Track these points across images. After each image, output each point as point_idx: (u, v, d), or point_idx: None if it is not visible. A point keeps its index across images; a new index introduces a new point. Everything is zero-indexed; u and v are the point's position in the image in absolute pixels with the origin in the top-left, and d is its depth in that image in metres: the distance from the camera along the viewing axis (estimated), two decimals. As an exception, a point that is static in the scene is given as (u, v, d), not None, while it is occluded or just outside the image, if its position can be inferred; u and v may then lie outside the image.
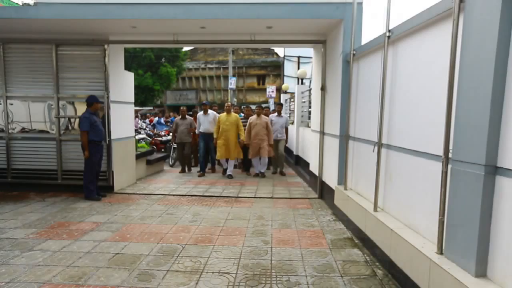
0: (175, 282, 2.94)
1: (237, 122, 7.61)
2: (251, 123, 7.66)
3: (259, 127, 7.56)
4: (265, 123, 7.61)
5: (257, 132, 7.55)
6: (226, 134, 7.49)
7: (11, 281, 2.90)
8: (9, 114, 6.14)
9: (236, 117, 7.68)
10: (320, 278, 3.04)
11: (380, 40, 3.62)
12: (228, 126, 7.52)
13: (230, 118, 7.58)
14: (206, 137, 7.94)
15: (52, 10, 4.93)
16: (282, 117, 8.29)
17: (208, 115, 8.01)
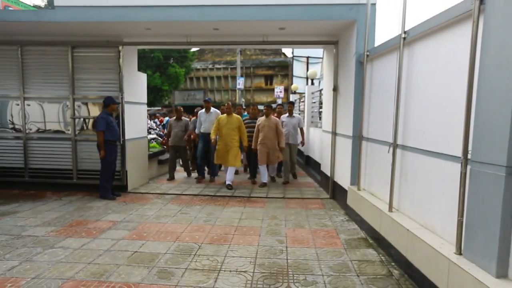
0: (194, 280, 2.99)
1: (239, 125, 6.55)
2: (259, 125, 6.67)
3: (267, 130, 6.56)
4: (275, 125, 6.59)
5: (265, 135, 6.56)
6: (226, 140, 6.49)
7: (36, 276, 2.99)
8: (26, 114, 6.28)
9: (237, 119, 6.60)
10: (336, 278, 3.07)
11: (395, 41, 3.63)
12: (228, 130, 6.47)
13: (231, 120, 6.52)
14: (207, 138, 6.96)
15: (70, 13, 5.04)
16: (294, 117, 7.39)
17: (211, 114, 7.04)
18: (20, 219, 4.58)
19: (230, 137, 6.49)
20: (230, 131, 6.49)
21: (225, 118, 6.57)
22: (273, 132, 6.58)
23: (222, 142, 6.55)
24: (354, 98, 4.87)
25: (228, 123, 6.51)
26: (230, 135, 6.49)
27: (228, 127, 6.50)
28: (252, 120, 7.14)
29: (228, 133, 6.49)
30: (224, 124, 6.52)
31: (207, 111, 7.07)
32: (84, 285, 2.86)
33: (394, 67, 3.62)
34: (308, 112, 8.97)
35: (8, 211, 4.96)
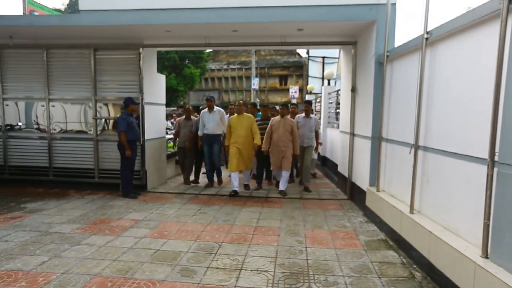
0: (216, 278, 3.05)
1: (251, 125, 6.06)
2: (273, 125, 6.10)
3: (282, 131, 6.00)
4: (290, 126, 6.03)
5: (279, 137, 6.01)
6: (240, 141, 5.99)
7: (65, 272, 3.11)
8: (50, 115, 6.49)
9: (249, 118, 6.11)
10: (357, 279, 3.07)
11: (417, 41, 3.60)
12: (241, 131, 6.00)
13: (242, 121, 6.04)
14: (211, 139, 6.45)
15: (93, 17, 5.18)
16: (310, 118, 6.67)
17: (214, 113, 6.45)
18: (46, 217, 4.75)
19: (243, 138, 6.02)
20: (243, 132, 6.01)
21: (236, 119, 6.10)
22: (288, 134, 6.03)
23: (234, 145, 6.02)
24: (373, 99, 4.84)
25: (240, 124, 6.03)
26: (243, 136, 6.01)
27: (240, 128, 6.02)
28: (264, 121, 6.61)
29: (240, 134, 6.00)
30: (236, 125, 6.04)
31: (210, 110, 6.49)
32: (111, 281, 2.95)
33: (416, 67, 3.59)
34: (325, 113, 8.94)
35: (35, 208, 5.15)
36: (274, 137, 6.11)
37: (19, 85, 6.45)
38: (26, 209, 5.12)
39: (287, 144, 6.06)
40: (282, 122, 6.07)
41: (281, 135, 6.04)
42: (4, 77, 6.41)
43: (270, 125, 6.18)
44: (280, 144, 6.04)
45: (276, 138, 6.09)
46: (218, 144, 6.54)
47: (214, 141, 6.48)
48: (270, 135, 6.17)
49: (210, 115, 6.45)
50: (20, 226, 4.35)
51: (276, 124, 6.10)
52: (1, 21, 5.36)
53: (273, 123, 6.15)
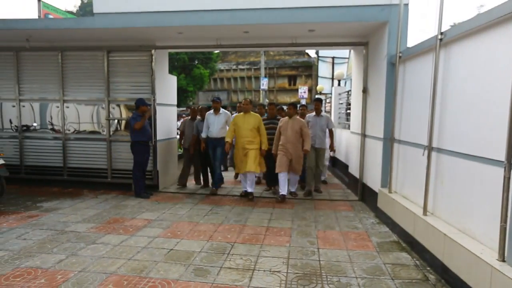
0: (230, 278, 3.08)
1: (258, 125, 5.75)
2: (281, 126, 5.76)
3: (290, 133, 5.62)
4: (299, 127, 5.64)
5: (287, 139, 5.63)
6: (243, 142, 5.72)
7: (82, 270, 3.18)
8: (64, 116, 6.61)
9: (256, 118, 5.78)
10: (370, 280, 3.07)
11: (431, 42, 3.58)
12: (247, 131, 5.69)
13: (248, 120, 5.73)
14: (214, 143, 6.14)
15: (107, 20, 5.27)
16: (321, 117, 6.27)
17: (219, 116, 6.13)
18: (62, 216, 4.85)
19: (248, 138, 5.71)
20: (248, 132, 5.70)
21: (242, 117, 5.79)
22: (297, 136, 5.66)
23: (238, 146, 5.81)
24: (385, 99, 4.82)
25: (246, 123, 5.73)
26: (248, 136, 5.70)
27: (245, 128, 5.71)
28: (271, 120, 6.23)
29: (245, 134, 5.70)
30: (241, 124, 5.74)
31: (216, 112, 6.15)
32: (127, 280, 3.01)
33: (429, 68, 3.57)
34: (335, 113, 8.91)
35: (50, 207, 5.26)
36: (282, 139, 5.74)
37: (35, 87, 6.60)
38: (42, 208, 5.24)
39: (296, 146, 5.67)
40: (290, 123, 5.69)
41: (289, 137, 5.64)
42: (20, 79, 6.56)
43: (279, 126, 5.83)
44: (289, 146, 5.64)
45: (284, 140, 5.69)
46: (221, 148, 6.11)
47: (218, 144, 6.12)
48: (278, 137, 5.84)
49: (216, 117, 6.13)
50: (37, 224, 4.45)
51: (284, 125, 5.74)
52: (18, 25, 5.49)
53: (281, 125, 5.79)
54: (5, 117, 6.82)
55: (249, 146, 5.72)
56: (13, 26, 5.47)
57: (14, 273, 3.10)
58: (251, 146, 5.73)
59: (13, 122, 6.78)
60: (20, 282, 2.94)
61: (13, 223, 4.47)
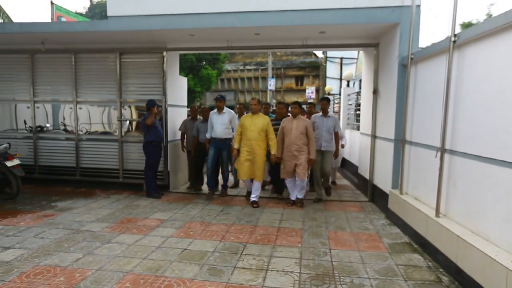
0: (243, 278, 3.12)
1: (266, 127, 5.39)
2: (284, 127, 5.37)
3: (295, 134, 5.25)
4: (305, 127, 5.26)
5: (291, 140, 5.27)
6: (251, 145, 5.36)
7: (99, 268, 3.25)
8: (77, 117, 6.73)
9: (265, 120, 5.44)
10: (383, 281, 3.09)
11: (444, 44, 3.59)
12: (254, 134, 5.35)
13: (256, 122, 5.39)
14: (219, 144, 5.83)
15: (121, 23, 5.36)
16: (329, 117, 5.81)
17: (223, 115, 5.83)
18: (76, 215, 4.94)
19: (256, 141, 5.35)
20: (256, 135, 5.35)
21: (249, 119, 5.48)
22: (302, 137, 5.26)
23: (244, 149, 5.42)
24: (396, 101, 4.82)
25: (253, 125, 5.38)
26: (256, 139, 5.35)
27: (252, 130, 5.36)
28: (278, 122, 5.76)
29: (253, 137, 5.35)
30: (248, 126, 5.40)
31: (219, 112, 5.85)
32: (143, 279, 3.07)
33: (442, 70, 3.57)
34: (344, 114, 8.91)
35: (65, 207, 5.36)
36: (286, 141, 5.35)
37: (49, 88, 6.72)
38: (57, 207, 5.34)
39: (301, 148, 5.26)
40: (294, 123, 5.31)
41: (294, 138, 5.26)
42: (35, 80, 6.69)
43: (281, 126, 5.41)
44: (293, 149, 5.26)
45: (288, 142, 5.32)
46: (226, 151, 5.87)
47: (223, 146, 5.84)
48: (282, 138, 5.41)
49: (219, 116, 5.83)
50: (53, 224, 4.55)
51: (288, 126, 5.34)
52: (35, 28, 5.61)
53: (284, 124, 5.38)
54: (19, 118, 6.96)
55: (256, 151, 5.36)
56: (29, 29, 5.59)
57: (34, 270, 3.18)
58: (258, 151, 5.38)
59: (27, 123, 6.91)
60: (41, 279, 3.02)
61: (30, 222, 4.58)
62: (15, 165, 5.53)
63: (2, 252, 3.58)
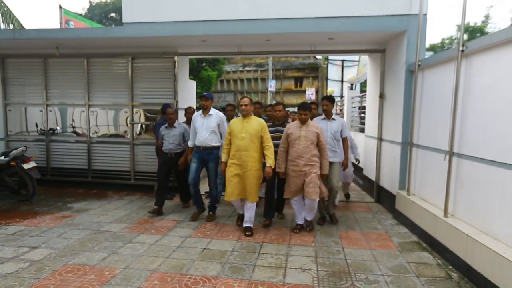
0: (264, 275, 3.29)
1: (261, 133, 4.27)
2: (290, 135, 4.35)
3: (304, 144, 4.26)
4: (316, 135, 4.29)
5: (299, 152, 4.26)
6: (241, 156, 4.22)
7: (126, 267, 3.41)
8: (89, 120, 6.87)
9: (259, 124, 4.29)
10: (397, 278, 3.27)
11: (452, 53, 3.78)
12: (245, 142, 4.21)
13: (248, 127, 4.25)
14: (203, 154, 4.76)
15: (136, 29, 5.51)
16: (334, 121, 4.81)
17: (209, 118, 4.76)
18: (94, 216, 5.09)
19: (247, 152, 4.20)
20: (247, 143, 4.20)
21: (239, 123, 4.32)
22: (312, 147, 4.29)
23: (233, 161, 4.27)
24: (403, 105, 5.01)
25: (244, 131, 4.22)
26: (247, 148, 4.20)
27: (243, 137, 4.21)
28: (276, 128, 4.78)
29: (243, 145, 4.20)
30: (238, 131, 4.25)
31: (205, 113, 4.78)
32: (169, 276, 3.24)
33: (450, 77, 3.77)
34: (348, 117, 9.10)
35: (81, 208, 5.51)
36: (291, 153, 4.34)
37: (61, 92, 6.86)
38: (73, 209, 5.48)
39: (311, 162, 4.26)
40: (303, 130, 4.30)
41: (302, 150, 4.25)
42: (48, 84, 6.82)
43: (285, 134, 4.40)
44: (301, 162, 4.25)
45: (294, 154, 4.29)
46: (214, 162, 4.80)
47: (209, 156, 4.74)
48: (286, 149, 4.41)
49: (204, 119, 4.74)
50: (72, 224, 4.69)
51: (295, 134, 4.31)
52: (51, 34, 5.75)
53: (290, 132, 4.36)
54: (30, 121, 7.08)
55: (248, 164, 4.21)
56: (45, 35, 5.73)
57: (65, 269, 3.34)
58: (251, 165, 4.22)
59: (39, 125, 7.04)
60: (73, 277, 3.17)
61: (51, 223, 4.72)
62: (32, 168, 5.67)
63: (31, 252, 3.73)
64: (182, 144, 5.35)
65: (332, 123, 4.84)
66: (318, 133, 4.33)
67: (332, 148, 4.75)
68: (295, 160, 4.31)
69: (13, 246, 3.89)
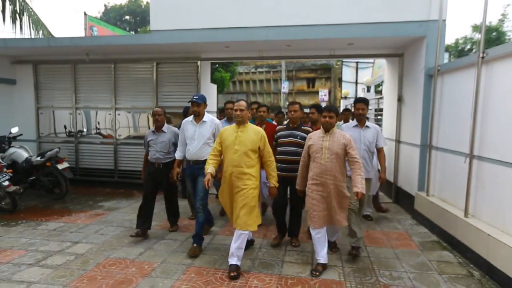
0: (293, 271, 3.49)
1: (259, 145, 3.43)
2: (311, 146, 3.50)
3: (329, 156, 3.38)
4: (342, 146, 3.38)
5: (321, 168, 3.40)
6: (232, 173, 3.40)
7: (163, 261, 3.66)
8: (116, 123, 7.19)
9: (256, 134, 3.45)
10: (419, 274, 3.43)
11: (472, 59, 3.93)
12: (238, 155, 3.38)
13: (243, 137, 3.43)
14: (194, 169, 3.98)
15: (162, 36, 5.78)
16: (368, 128, 4.17)
17: (202, 125, 3.96)
18: (125, 214, 5.37)
19: (241, 169, 3.38)
20: (242, 158, 3.38)
21: (232, 132, 3.49)
22: (340, 162, 3.41)
23: (225, 178, 3.49)
24: (422, 109, 5.15)
25: (237, 142, 3.41)
26: (241, 164, 3.38)
27: (236, 150, 3.39)
28: (291, 132, 3.99)
29: (236, 160, 3.38)
30: (230, 143, 3.44)
31: (197, 120, 3.97)
32: (204, 270, 3.47)
33: (470, 82, 3.91)
34: (364, 118, 9.23)
35: (112, 207, 5.80)
36: (313, 168, 3.48)
37: (90, 96, 7.18)
38: (104, 207, 5.78)
39: (338, 180, 3.40)
40: (327, 140, 3.43)
41: (325, 165, 3.38)
42: (77, 88, 7.16)
43: (306, 145, 3.59)
44: (329, 180, 3.38)
45: (317, 170, 3.43)
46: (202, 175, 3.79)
47: (200, 172, 3.86)
48: (306, 164, 3.62)
49: (196, 127, 3.94)
50: (106, 222, 4.98)
51: (316, 144, 3.47)
52: (83, 42, 6.08)
53: (311, 143, 3.53)
54: (57, 123, 7.43)
55: (241, 182, 3.37)
56: (78, 43, 6.06)
57: (107, 262, 3.60)
58: (245, 182, 3.36)
59: (67, 127, 7.38)
60: (116, 269, 3.44)
61: (86, 220, 5.02)
62: (65, 168, 5.99)
63: (74, 246, 4.02)
64: (171, 153, 4.38)
65: (366, 132, 4.11)
66: (346, 144, 3.38)
67: (365, 161, 3.99)
68: (317, 178, 3.41)
69: (56, 240, 4.19)
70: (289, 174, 3.88)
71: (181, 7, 5.70)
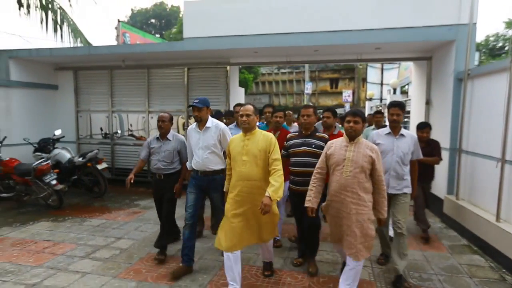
0: (324, 269, 3.64)
1: (267, 154, 3.04)
2: (330, 156, 3.00)
3: (349, 171, 2.86)
4: (369, 159, 2.84)
5: (341, 183, 2.89)
6: (242, 187, 3.04)
7: (200, 257, 3.90)
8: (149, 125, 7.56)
9: (266, 140, 3.07)
10: (449, 277, 3.49)
11: (504, 64, 3.93)
12: (247, 167, 3.04)
13: (250, 145, 3.08)
14: (202, 181, 3.60)
15: (194, 43, 6.06)
16: (402, 137, 3.44)
17: (206, 132, 3.51)
18: (160, 213, 5.67)
19: (253, 182, 3.03)
20: (252, 169, 3.03)
21: (239, 142, 3.15)
22: (363, 178, 2.86)
23: (232, 195, 3.09)
24: (451, 112, 5.15)
25: (245, 152, 3.07)
26: (252, 177, 3.03)
27: (244, 161, 3.05)
28: (304, 140, 3.50)
29: (246, 173, 3.03)
30: (237, 153, 3.11)
31: (201, 127, 3.56)
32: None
33: (501, 86, 3.91)
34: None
35: (147, 205, 6.13)
36: (332, 182, 2.99)
37: (125, 100, 7.59)
38: (140, 206, 6.12)
39: (358, 198, 2.84)
40: (351, 150, 2.91)
41: (346, 179, 2.87)
42: (113, 93, 7.58)
43: (324, 154, 3.07)
44: (348, 198, 2.86)
45: (336, 185, 2.93)
46: (218, 192, 3.59)
47: (210, 184, 3.57)
48: (323, 175, 3.08)
49: (200, 134, 3.52)
50: (144, 219, 5.29)
51: (338, 155, 2.95)
52: (120, 49, 6.47)
53: (331, 152, 3.00)
54: (93, 126, 7.89)
55: (254, 197, 3.00)
56: (116, 51, 6.45)
57: (150, 257, 3.89)
58: (258, 197, 2.94)
59: (103, 130, 7.83)
60: (158, 264, 3.70)
61: (125, 218, 5.36)
62: (104, 168, 6.39)
63: (118, 241, 4.34)
64: (175, 163, 4.02)
65: (400, 141, 3.42)
66: (374, 157, 2.84)
67: (398, 175, 3.40)
68: (337, 195, 2.91)
69: (101, 236, 4.53)
70: (306, 188, 3.13)
71: (212, 15, 5.96)
